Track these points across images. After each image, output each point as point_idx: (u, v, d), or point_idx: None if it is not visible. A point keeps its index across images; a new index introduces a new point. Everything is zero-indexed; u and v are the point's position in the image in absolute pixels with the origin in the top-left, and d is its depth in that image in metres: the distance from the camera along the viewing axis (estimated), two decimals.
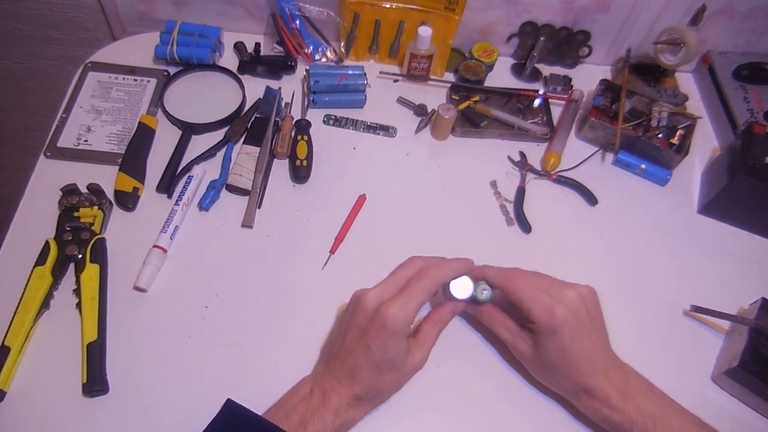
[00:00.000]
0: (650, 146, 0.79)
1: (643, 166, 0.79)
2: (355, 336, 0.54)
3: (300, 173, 0.74)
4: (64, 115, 0.76)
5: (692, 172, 0.82)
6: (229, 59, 0.86)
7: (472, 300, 0.60)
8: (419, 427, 0.59)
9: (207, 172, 0.74)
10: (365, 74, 0.82)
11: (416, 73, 0.85)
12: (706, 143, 0.86)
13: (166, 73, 0.82)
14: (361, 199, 0.73)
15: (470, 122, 0.82)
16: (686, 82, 0.93)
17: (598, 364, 0.55)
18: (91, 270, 0.62)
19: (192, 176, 0.72)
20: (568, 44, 0.90)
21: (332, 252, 0.69)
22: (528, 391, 0.61)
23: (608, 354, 0.57)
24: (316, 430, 0.51)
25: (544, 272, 0.67)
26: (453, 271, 0.58)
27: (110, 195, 0.69)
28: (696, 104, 0.90)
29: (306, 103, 0.82)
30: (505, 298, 0.59)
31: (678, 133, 0.80)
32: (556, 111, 0.86)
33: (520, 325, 0.59)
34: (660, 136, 0.80)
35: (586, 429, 0.59)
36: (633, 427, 0.52)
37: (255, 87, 0.82)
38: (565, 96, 0.86)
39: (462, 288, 0.59)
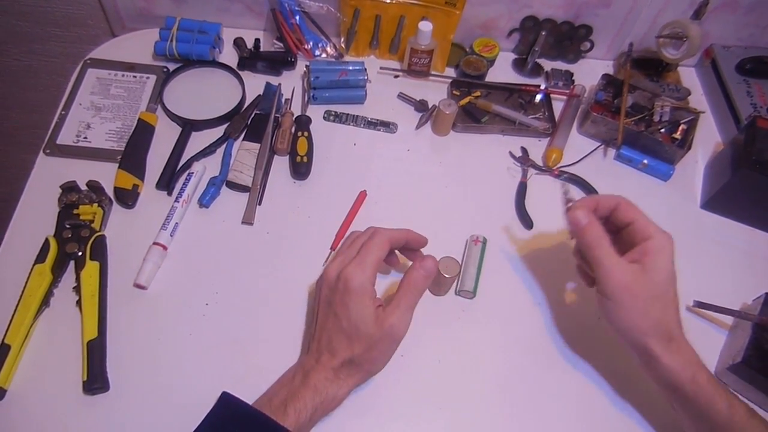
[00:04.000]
0: (652, 141, 0.78)
1: (645, 161, 0.79)
2: (324, 310, 0.55)
3: (300, 169, 0.74)
4: (63, 112, 0.76)
5: (695, 167, 0.82)
6: (229, 55, 0.86)
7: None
8: (420, 424, 0.58)
9: (207, 168, 0.73)
10: (365, 70, 0.82)
11: (417, 68, 0.84)
12: (709, 138, 0.85)
13: (165, 70, 0.82)
14: (362, 195, 0.73)
15: (471, 118, 0.82)
16: (689, 76, 0.92)
17: (677, 310, 0.54)
18: (91, 267, 0.62)
19: (192, 173, 0.71)
20: (569, 39, 0.89)
21: (333, 248, 0.69)
22: (529, 389, 0.61)
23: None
24: (296, 409, 0.50)
25: (547, 268, 0.67)
26: (403, 233, 0.58)
27: (110, 192, 0.69)
28: (698, 99, 0.90)
29: (306, 99, 0.82)
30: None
31: (680, 127, 0.79)
32: (558, 106, 0.85)
33: None
34: (662, 130, 0.79)
35: (587, 427, 0.59)
36: (716, 394, 0.51)
37: (255, 83, 0.82)
38: (567, 91, 0.86)
39: (450, 267, 0.61)
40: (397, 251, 0.61)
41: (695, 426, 0.53)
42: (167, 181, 0.71)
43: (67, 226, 0.65)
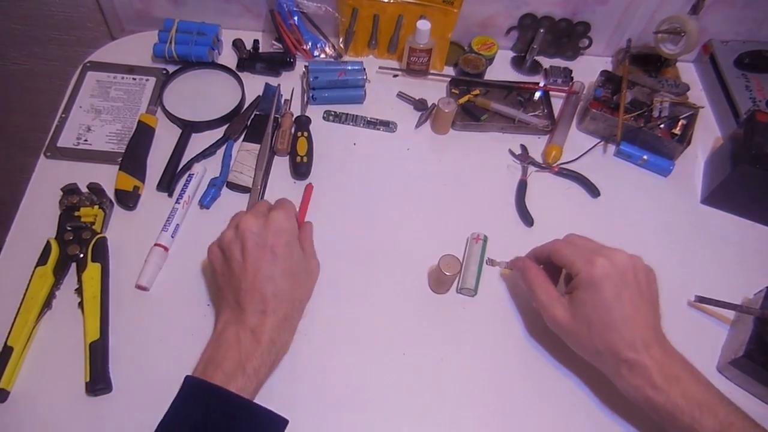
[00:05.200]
0: (652, 137, 0.78)
1: (645, 156, 0.79)
2: (256, 257, 0.54)
3: (300, 169, 0.74)
4: (63, 115, 0.76)
5: (695, 162, 0.82)
6: (228, 57, 0.86)
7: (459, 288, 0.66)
8: (422, 422, 0.58)
9: (207, 169, 0.74)
10: (364, 69, 0.82)
11: (416, 67, 0.84)
12: (708, 133, 0.85)
13: (164, 72, 0.82)
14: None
15: (471, 116, 0.82)
16: (687, 71, 0.92)
17: (640, 334, 0.53)
18: (93, 269, 0.62)
19: (192, 174, 0.72)
20: (567, 36, 0.89)
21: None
22: (531, 386, 0.61)
23: (655, 330, 0.55)
24: (255, 367, 0.51)
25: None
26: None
27: (111, 194, 0.69)
28: (697, 94, 0.90)
29: (305, 99, 0.82)
30: (546, 265, 0.62)
31: (680, 123, 0.79)
32: (557, 103, 0.85)
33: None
34: (662, 126, 0.79)
35: (590, 426, 0.59)
36: (676, 411, 0.50)
37: (254, 84, 0.82)
38: (566, 88, 0.86)
39: (451, 265, 0.62)
40: None
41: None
42: (168, 183, 0.71)
43: (69, 229, 0.65)
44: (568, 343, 0.59)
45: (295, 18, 0.84)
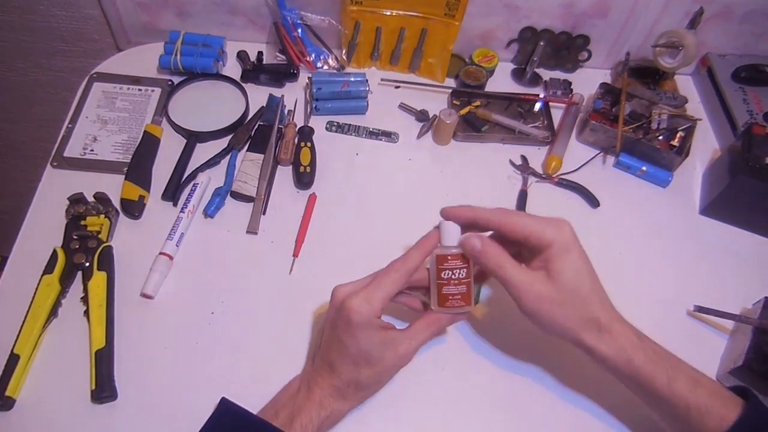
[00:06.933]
0: (651, 148, 0.79)
1: (644, 168, 0.80)
2: (329, 330, 0.54)
3: (303, 179, 0.75)
4: (70, 126, 0.77)
5: (693, 174, 0.83)
6: (233, 68, 0.87)
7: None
8: (425, 431, 0.59)
9: (212, 179, 0.74)
10: (367, 81, 0.83)
11: (453, 303, 0.56)
12: (707, 145, 0.86)
13: (170, 83, 0.83)
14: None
15: (472, 127, 0.83)
16: (685, 84, 0.93)
17: (603, 296, 0.53)
18: (99, 278, 0.63)
19: (197, 184, 0.72)
20: (567, 49, 0.90)
21: (295, 255, 0.69)
22: (534, 396, 0.62)
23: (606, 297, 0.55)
24: (303, 423, 0.51)
25: None
26: (418, 258, 0.54)
27: (116, 203, 0.70)
28: (696, 106, 0.91)
29: (309, 110, 0.83)
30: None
31: (678, 135, 0.80)
32: (557, 115, 0.86)
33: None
34: (660, 138, 0.80)
35: None
36: (656, 369, 0.51)
37: (258, 95, 0.83)
38: (566, 100, 0.87)
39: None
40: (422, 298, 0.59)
41: (640, 398, 0.54)
42: (173, 192, 0.72)
43: (75, 237, 0.66)
44: (543, 322, 0.53)
45: (299, 30, 0.85)
